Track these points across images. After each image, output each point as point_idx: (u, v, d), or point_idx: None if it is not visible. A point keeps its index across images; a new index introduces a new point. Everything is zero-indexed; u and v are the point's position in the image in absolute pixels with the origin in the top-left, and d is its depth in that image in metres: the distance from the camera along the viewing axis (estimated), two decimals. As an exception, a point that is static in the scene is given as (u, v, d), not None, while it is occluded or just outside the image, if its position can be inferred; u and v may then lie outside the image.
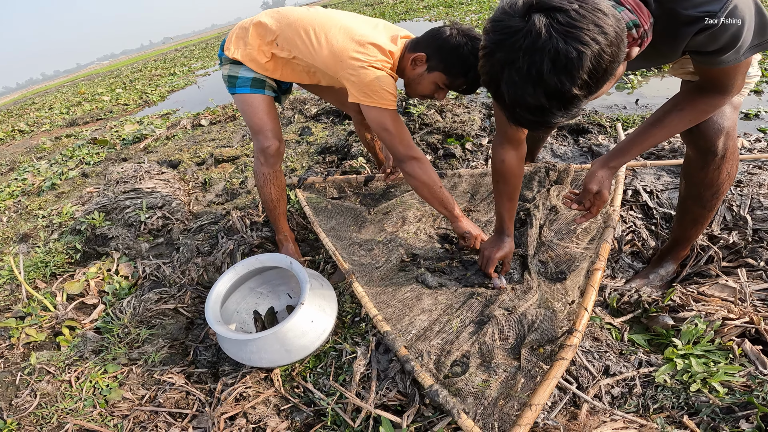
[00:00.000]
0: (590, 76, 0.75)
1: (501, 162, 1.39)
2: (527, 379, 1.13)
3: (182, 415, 1.40)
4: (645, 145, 1.17)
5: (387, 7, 15.73)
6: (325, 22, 1.60)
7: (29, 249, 2.73)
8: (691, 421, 1.06)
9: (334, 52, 1.54)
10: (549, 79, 0.75)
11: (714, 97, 1.07)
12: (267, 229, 2.18)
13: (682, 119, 1.11)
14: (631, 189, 1.88)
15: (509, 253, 1.52)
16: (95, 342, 1.73)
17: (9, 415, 1.48)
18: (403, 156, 1.59)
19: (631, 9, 0.87)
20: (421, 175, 1.60)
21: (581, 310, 1.20)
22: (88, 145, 5.22)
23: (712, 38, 0.91)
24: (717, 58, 0.96)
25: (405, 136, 1.58)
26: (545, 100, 0.79)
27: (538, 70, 0.75)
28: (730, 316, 1.27)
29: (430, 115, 3.30)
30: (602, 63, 0.75)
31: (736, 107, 1.22)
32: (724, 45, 0.92)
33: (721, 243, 1.54)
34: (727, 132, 1.19)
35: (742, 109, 2.69)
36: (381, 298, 1.51)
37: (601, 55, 0.74)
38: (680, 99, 1.12)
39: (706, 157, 1.24)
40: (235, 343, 1.41)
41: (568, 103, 0.79)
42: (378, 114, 1.54)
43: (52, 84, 43.34)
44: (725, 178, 1.27)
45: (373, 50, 1.52)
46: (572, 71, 0.74)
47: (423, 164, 1.60)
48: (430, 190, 1.63)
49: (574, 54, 0.73)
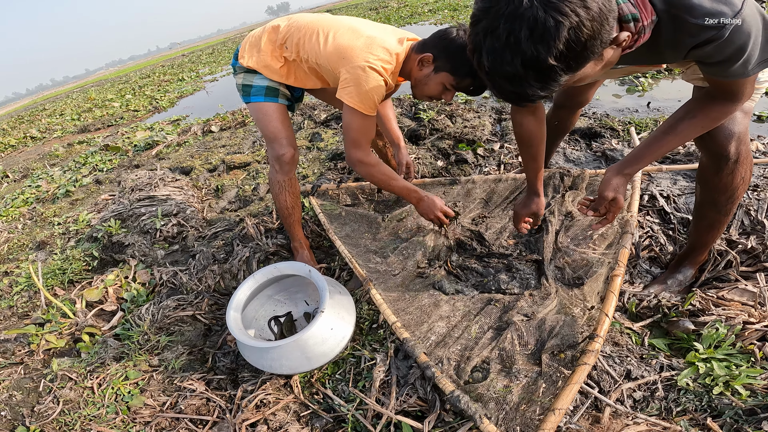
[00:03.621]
0: (567, 47, 0.77)
1: (519, 125, 1.44)
2: (549, 384, 1.13)
3: (203, 421, 1.41)
4: (659, 152, 1.19)
5: (392, 11, 15.81)
6: (334, 24, 1.65)
7: (46, 256, 2.77)
8: (714, 423, 1.06)
9: (339, 48, 1.57)
10: (526, 48, 0.78)
11: (725, 104, 1.09)
12: (282, 237, 2.20)
13: (694, 126, 1.13)
14: (647, 194, 1.88)
15: (538, 209, 1.59)
16: (115, 348, 1.75)
17: (32, 422, 1.50)
18: (353, 159, 1.68)
19: (634, 3, 0.90)
20: (372, 176, 1.72)
21: (602, 316, 1.20)
22: (100, 152, 5.29)
23: (718, 50, 0.92)
24: (723, 70, 0.98)
25: (362, 142, 1.65)
26: (522, 69, 0.81)
27: (516, 38, 0.77)
28: (750, 320, 1.28)
29: (440, 120, 3.31)
30: (581, 36, 0.77)
31: (747, 112, 1.23)
32: (730, 57, 0.93)
33: (740, 247, 1.54)
34: (738, 137, 1.20)
35: (755, 111, 2.68)
36: (399, 305, 1.52)
37: (580, 28, 0.76)
38: (692, 106, 1.14)
39: (720, 162, 1.25)
40: (257, 351, 1.43)
41: (544, 74, 0.81)
42: (351, 114, 1.59)
43: (62, 90, 43.86)
44: (740, 183, 1.28)
45: (377, 50, 1.54)
46: (549, 40, 0.76)
47: (368, 167, 1.69)
48: (385, 186, 1.75)
49: (551, 23, 0.75)
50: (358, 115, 1.58)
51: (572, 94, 1.85)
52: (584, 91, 1.82)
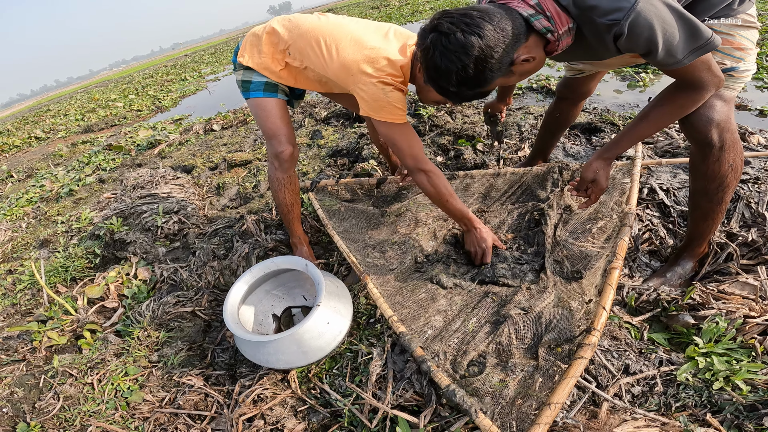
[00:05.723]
0: (459, 80, 1.10)
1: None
2: (545, 379, 1.13)
3: (201, 417, 1.42)
4: (634, 138, 1.29)
5: (393, 10, 15.79)
6: (336, 33, 1.60)
7: (49, 254, 2.79)
8: (714, 419, 1.05)
9: (345, 65, 1.54)
10: (437, 80, 1.15)
11: (690, 93, 1.16)
12: (281, 233, 2.20)
13: (664, 114, 1.21)
14: (647, 187, 1.86)
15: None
16: (116, 345, 1.76)
17: (32, 418, 1.51)
18: (412, 168, 1.61)
19: (550, 16, 1.08)
20: (429, 188, 1.60)
21: (599, 309, 1.19)
22: (103, 152, 5.31)
23: (631, 42, 1.05)
24: (654, 60, 1.08)
25: (415, 148, 1.59)
26: (442, 91, 1.18)
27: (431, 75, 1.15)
28: (751, 314, 1.26)
29: (440, 116, 3.30)
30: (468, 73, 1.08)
31: (727, 100, 1.25)
32: (647, 49, 1.05)
33: (740, 240, 1.52)
34: (718, 123, 1.23)
35: (757, 105, 2.66)
36: (396, 299, 1.52)
37: (466, 69, 1.07)
38: (663, 95, 1.22)
39: (704, 149, 1.28)
40: (253, 345, 1.43)
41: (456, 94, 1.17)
42: (387, 128, 1.56)
43: (66, 91, 44.14)
44: (728, 170, 1.30)
45: (383, 63, 1.51)
46: (446, 77, 1.11)
47: (431, 176, 1.59)
48: (439, 202, 1.63)
49: (444, 67, 1.09)
50: (393, 126, 1.55)
51: (574, 86, 1.87)
52: (586, 82, 1.85)
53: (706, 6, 1.19)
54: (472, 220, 1.64)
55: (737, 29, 1.20)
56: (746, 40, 1.21)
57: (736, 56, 1.22)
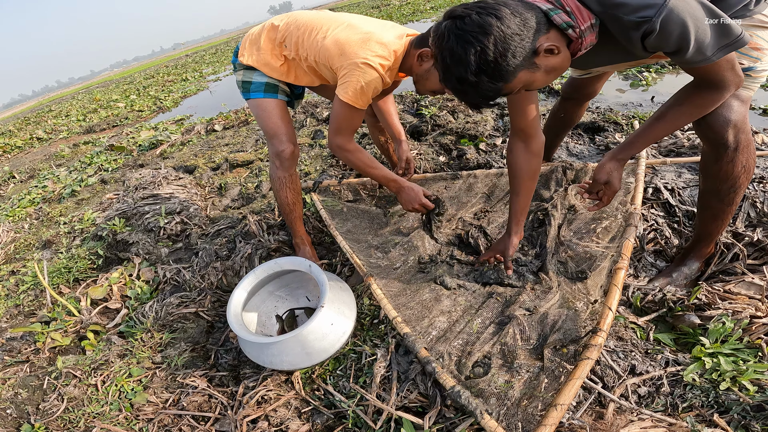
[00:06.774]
0: (479, 66, 0.98)
1: (509, 152, 1.47)
2: (551, 380, 1.12)
3: (205, 418, 1.41)
4: (650, 138, 1.25)
5: (394, 9, 15.77)
6: (332, 21, 1.64)
7: (52, 255, 2.79)
8: (721, 419, 1.04)
9: (336, 44, 1.57)
10: (454, 70, 1.01)
11: (709, 92, 1.12)
12: (284, 233, 2.20)
13: (682, 114, 1.18)
14: (651, 187, 1.85)
15: (505, 249, 1.53)
16: (120, 346, 1.76)
17: (37, 419, 1.51)
18: (332, 143, 1.70)
19: (570, 11, 1.02)
20: (354, 161, 1.72)
21: (605, 310, 1.19)
22: (105, 152, 5.32)
23: (661, 40, 0.99)
24: (682, 59, 1.03)
25: (347, 130, 1.67)
26: (458, 85, 1.04)
27: (446, 64, 1.02)
28: (757, 314, 1.25)
29: (442, 116, 3.29)
30: (487, 56, 0.96)
31: (744, 101, 1.23)
32: (678, 47, 0.99)
33: (746, 240, 1.51)
34: (734, 124, 1.21)
35: (761, 104, 2.64)
36: (400, 300, 1.51)
37: (485, 51, 0.96)
38: (681, 95, 1.18)
39: (719, 149, 1.26)
40: (257, 346, 1.42)
41: (474, 86, 1.02)
42: (341, 106, 1.60)
43: (68, 91, 44.21)
44: (741, 171, 1.28)
45: (374, 45, 1.53)
46: (463, 63, 0.98)
47: (354, 153, 1.71)
48: (364, 172, 1.76)
49: (461, 50, 0.97)
50: (347, 107, 1.59)
51: (579, 86, 1.86)
52: (592, 83, 1.83)
53: (725, 6, 1.16)
54: (397, 180, 1.77)
55: (753, 29, 1.18)
56: (762, 40, 1.20)
57: (753, 56, 1.20)
